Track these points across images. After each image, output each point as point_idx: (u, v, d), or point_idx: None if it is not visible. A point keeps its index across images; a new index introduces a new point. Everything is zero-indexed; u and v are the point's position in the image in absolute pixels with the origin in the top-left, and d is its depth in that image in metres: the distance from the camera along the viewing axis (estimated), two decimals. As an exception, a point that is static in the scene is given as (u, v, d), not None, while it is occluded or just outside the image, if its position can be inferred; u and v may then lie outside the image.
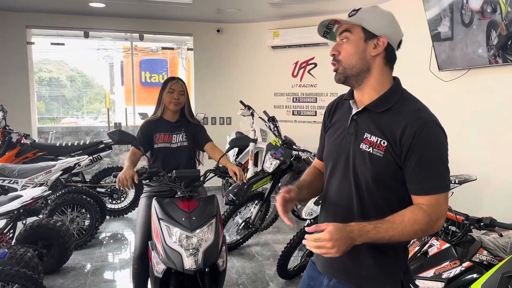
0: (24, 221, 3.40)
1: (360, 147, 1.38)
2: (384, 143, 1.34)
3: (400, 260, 1.45)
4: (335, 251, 1.22)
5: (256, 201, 4.26)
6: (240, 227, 4.28)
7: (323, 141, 1.60)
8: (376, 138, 1.35)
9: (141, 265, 2.65)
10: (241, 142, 2.81)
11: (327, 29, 1.47)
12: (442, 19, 4.01)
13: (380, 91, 1.40)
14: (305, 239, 1.26)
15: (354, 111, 1.44)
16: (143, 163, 3.06)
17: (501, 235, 2.41)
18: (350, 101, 1.48)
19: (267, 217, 4.48)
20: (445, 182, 1.32)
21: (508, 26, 3.33)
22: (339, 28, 1.42)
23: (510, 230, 2.36)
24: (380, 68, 1.40)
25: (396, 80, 1.44)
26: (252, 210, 4.30)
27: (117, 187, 2.46)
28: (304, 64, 6.60)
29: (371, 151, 1.35)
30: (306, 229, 1.31)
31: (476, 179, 3.71)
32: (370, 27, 1.37)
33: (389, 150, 1.33)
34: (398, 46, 1.44)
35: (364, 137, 1.38)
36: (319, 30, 1.48)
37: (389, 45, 1.39)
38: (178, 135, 2.89)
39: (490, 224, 2.22)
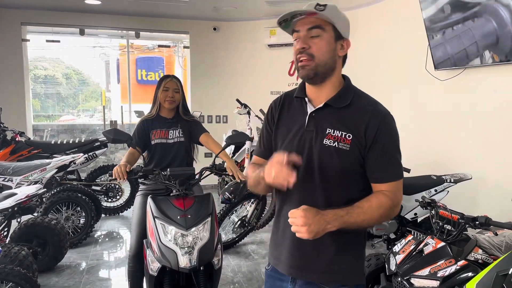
0: (18, 219, 3.38)
1: (324, 142, 1.41)
2: (349, 136, 1.39)
3: (361, 251, 1.51)
4: (305, 229, 1.25)
5: (252, 200, 4.25)
6: (236, 226, 4.28)
7: (269, 139, 1.57)
8: (340, 132, 1.40)
9: (137, 263, 2.65)
10: (237, 139, 2.80)
11: (287, 18, 1.42)
12: (438, 14, 4.02)
13: (338, 88, 1.46)
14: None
15: (310, 108, 1.46)
16: (139, 161, 3.05)
17: (496, 234, 2.42)
18: (306, 98, 1.48)
19: (263, 215, 4.48)
20: (401, 170, 1.45)
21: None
22: (307, 21, 1.39)
23: (505, 229, 2.37)
24: (340, 68, 1.47)
25: (347, 78, 1.51)
26: (248, 208, 4.29)
27: (114, 177, 2.47)
28: (301, 63, 6.58)
29: (336, 146, 1.39)
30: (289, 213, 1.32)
31: (471, 178, 3.73)
32: (340, 28, 1.40)
33: (355, 142, 1.39)
34: None
35: (327, 132, 1.41)
36: (281, 18, 1.42)
37: None
38: (174, 131, 2.89)
39: (485, 223, 2.23)
